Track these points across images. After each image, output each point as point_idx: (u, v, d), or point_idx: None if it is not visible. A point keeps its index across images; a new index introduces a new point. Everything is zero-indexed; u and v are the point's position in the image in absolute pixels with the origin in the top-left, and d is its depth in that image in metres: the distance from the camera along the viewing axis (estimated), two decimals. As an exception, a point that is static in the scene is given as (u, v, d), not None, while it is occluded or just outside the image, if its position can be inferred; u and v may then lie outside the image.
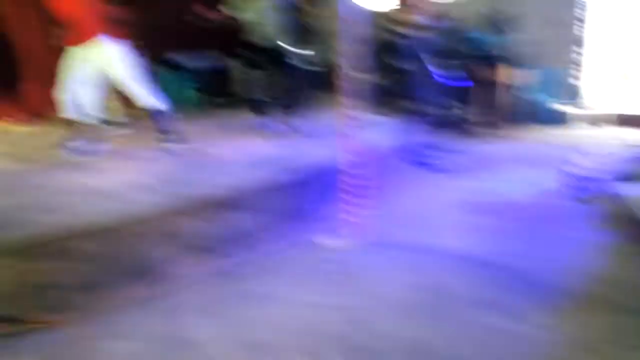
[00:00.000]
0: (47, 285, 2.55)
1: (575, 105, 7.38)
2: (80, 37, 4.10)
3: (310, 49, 6.57)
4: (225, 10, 5.37)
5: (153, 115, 4.43)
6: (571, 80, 7.38)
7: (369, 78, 7.16)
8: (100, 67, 4.18)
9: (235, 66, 6.83)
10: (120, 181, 3.55)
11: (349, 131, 3.18)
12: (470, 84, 6.64)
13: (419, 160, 5.07)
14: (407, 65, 5.51)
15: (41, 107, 5.46)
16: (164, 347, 2.27)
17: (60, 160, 4.20)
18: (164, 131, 4.46)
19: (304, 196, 3.66)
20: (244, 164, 4.00)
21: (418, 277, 2.84)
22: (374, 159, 3.90)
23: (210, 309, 2.58)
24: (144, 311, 2.59)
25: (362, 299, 2.64)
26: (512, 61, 6.70)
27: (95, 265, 2.68)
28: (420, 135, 5.31)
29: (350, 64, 3.08)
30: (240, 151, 4.52)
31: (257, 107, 5.60)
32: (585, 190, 4.07)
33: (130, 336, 2.36)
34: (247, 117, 5.76)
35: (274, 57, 5.34)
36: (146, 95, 4.31)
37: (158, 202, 3.06)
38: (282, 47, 5.34)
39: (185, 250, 3.00)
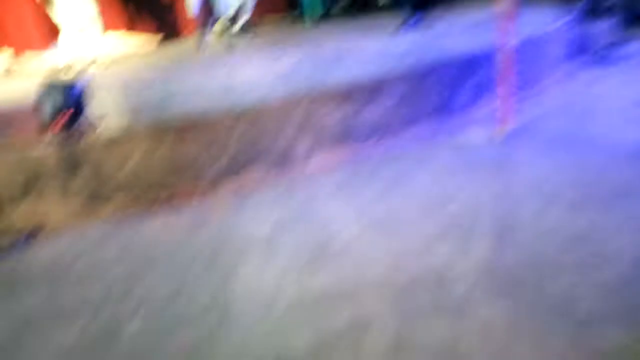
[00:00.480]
0: (193, 164, 2.71)
1: None
2: None
3: None
4: None
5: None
6: None
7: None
8: None
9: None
10: (257, 76, 3.62)
11: (507, 20, 2.84)
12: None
13: (586, 50, 4.50)
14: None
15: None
16: (301, 222, 2.33)
17: (203, 61, 4.52)
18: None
19: (450, 88, 3.37)
20: (384, 57, 3.77)
21: (579, 169, 2.52)
22: (534, 48, 3.64)
23: (341, 191, 2.59)
24: (280, 192, 2.69)
25: (515, 188, 2.41)
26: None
27: (237, 147, 2.79)
28: (589, 25, 4.71)
29: None
30: (380, 46, 4.29)
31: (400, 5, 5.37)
32: None
33: (268, 213, 2.46)
34: (383, 18, 5.59)
35: None
36: None
37: (296, 91, 3.03)
38: None
39: (323, 137, 2.99)
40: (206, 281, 1.98)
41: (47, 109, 2.49)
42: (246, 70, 3.87)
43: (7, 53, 5.77)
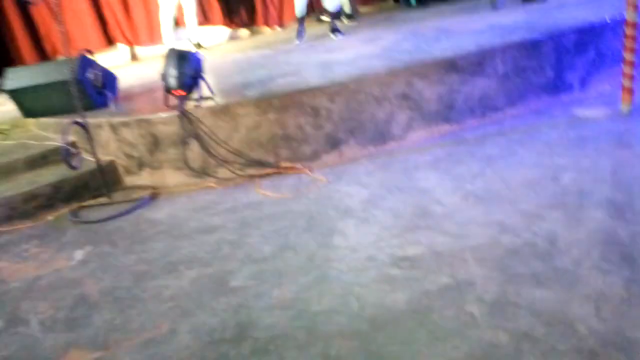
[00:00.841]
0: (294, 137, 2.82)
1: None
2: None
3: None
4: None
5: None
6: None
7: None
8: None
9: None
10: (355, 54, 3.64)
11: None
12: None
13: None
14: None
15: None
16: (398, 192, 2.34)
17: (303, 45, 4.67)
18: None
19: (560, 62, 3.16)
20: (491, 30, 3.60)
21: None
22: None
23: (439, 166, 2.55)
24: (378, 166, 2.71)
25: (635, 161, 2.22)
26: None
27: (336, 122, 2.85)
28: None
29: None
30: (487, 20, 4.06)
31: None
32: None
33: (366, 184, 2.50)
34: None
35: None
36: None
37: (391, 65, 3.01)
38: None
39: (423, 111, 2.95)
40: (306, 242, 2.06)
41: (171, 75, 2.73)
42: (346, 50, 3.90)
43: (123, 48, 6.42)
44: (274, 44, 5.12)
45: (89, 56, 3.03)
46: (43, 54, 6.05)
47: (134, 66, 5.83)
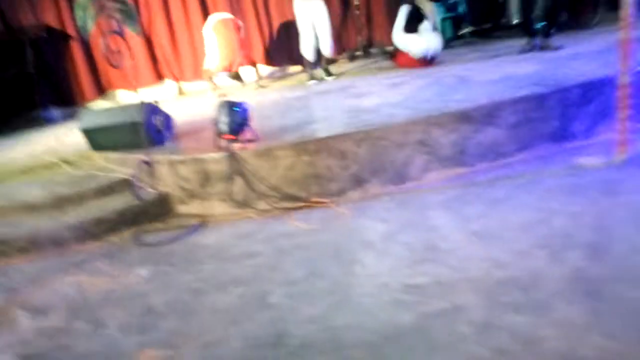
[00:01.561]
0: (324, 176, 3.25)
1: None
2: None
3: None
4: None
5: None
6: None
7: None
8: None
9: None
10: (380, 101, 4.10)
11: (629, 46, 2.92)
12: None
13: None
14: None
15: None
16: (412, 228, 2.74)
17: (321, 90, 5.17)
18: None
19: (567, 114, 3.51)
20: (505, 79, 4.03)
21: None
22: None
23: (450, 206, 2.93)
24: (396, 203, 3.11)
25: (620, 211, 2.54)
26: None
27: (361, 164, 3.27)
28: None
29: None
30: (502, 68, 4.53)
31: (527, 27, 5.50)
32: None
33: (385, 219, 2.91)
34: (506, 42, 5.83)
35: None
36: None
37: (412, 115, 3.43)
38: None
39: (438, 156, 3.35)
40: (331, 268, 2.47)
41: (222, 122, 3.23)
42: (372, 96, 4.36)
43: (171, 83, 7.05)
44: (309, 87, 5.66)
45: (154, 103, 3.55)
46: (100, 88, 6.74)
47: (181, 101, 6.43)
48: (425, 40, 5.42)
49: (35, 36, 6.19)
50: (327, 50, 5.85)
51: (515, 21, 7.03)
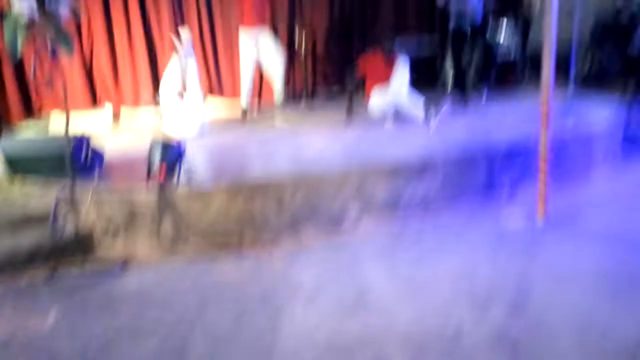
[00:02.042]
0: (258, 221, 3.20)
1: None
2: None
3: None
4: None
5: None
6: None
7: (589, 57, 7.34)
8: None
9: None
10: (321, 148, 4.14)
11: (549, 112, 3.17)
12: None
13: (631, 142, 4.63)
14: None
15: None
16: (342, 278, 2.73)
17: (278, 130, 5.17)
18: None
19: (493, 172, 3.71)
20: (433, 137, 4.24)
21: (603, 261, 2.75)
22: (578, 140, 3.97)
23: (381, 255, 2.97)
24: (329, 251, 3.10)
25: (538, 270, 2.69)
26: None
27: (296, 210, 3.25)
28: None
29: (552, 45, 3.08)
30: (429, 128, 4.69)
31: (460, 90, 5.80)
32: None
33: (316, 268, 2.88)
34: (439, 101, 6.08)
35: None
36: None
37: (351, 165, 3.50)
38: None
39: (371, 206, 3.40)
40: (258, 319, 2.39)
41: (155, 161, 3.11)
42: (314, 143, 4.35)
43: (108, 108, 6.81)
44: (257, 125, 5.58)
45: (85, 135, 3.39)
46: (30, 110, 6.38)
47: (116, 130, 6.19)
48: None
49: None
50: (279, 92, 5.83)
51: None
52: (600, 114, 4.84)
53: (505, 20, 6.35)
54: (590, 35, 7.61)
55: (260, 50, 5.56)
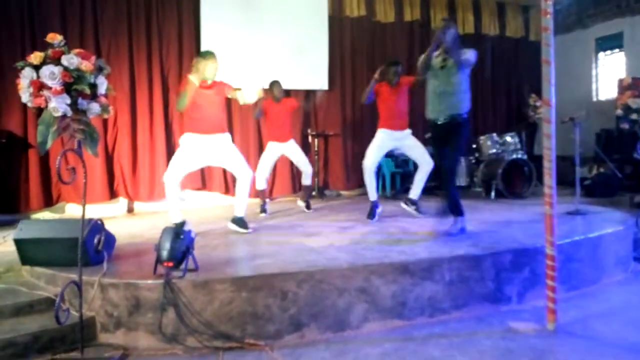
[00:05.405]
0: (262, 315, 3.16)
1: None
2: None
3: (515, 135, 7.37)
4: None
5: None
6: None
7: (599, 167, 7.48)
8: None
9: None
10: (327, 243, 4.20)
11: (554, 216, 3.20)
12: None
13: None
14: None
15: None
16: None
17: (271, 224, 5.32)
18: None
19: (499, 276, 3.68)
20: (440, 238, 4.26)
21: None
22: (593, 247, 4.02)
23: None
24: (332, 353, 3.01)
25: None
26: None
27: (300, 306, 3.22)
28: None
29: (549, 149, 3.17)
30: (433, 226, 4.74)
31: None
32: None
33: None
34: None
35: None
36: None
37: (355, 261, 3.50)
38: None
39: (374, 307, 3.35)
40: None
41: (165, 248, 3.15)
42: (321, 236, 4.48)
43: (123, 202, 7.05)
44: (258, 217, 5.79)
45: (99, 221, 3.49)
46: (49, 200, 6.60)
47: (129, 220, 6.35)
48: None
49: (-7, 141, 6.19)
50: (308, 180, 6.42)
51: (458, 183, 7.67)
52: (610, 219, 4.92)
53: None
54: (595, 142, 7.95)
55: (290, 156, 6.43)
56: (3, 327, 3.07)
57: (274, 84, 6.26)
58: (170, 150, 6.86)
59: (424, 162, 5.58)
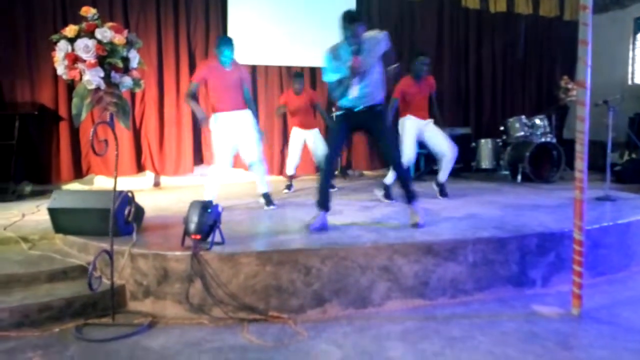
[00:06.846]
0: (286, 289, 3.22)
1: None
2: None
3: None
4: None
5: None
6: None
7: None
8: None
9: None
10: (350, 221, 4.21)
11: (584, 201, 3.14)
12: None
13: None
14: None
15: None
16: (366, 356, 2.66)
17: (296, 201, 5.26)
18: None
19: (524, 260, 3.65)
20: (465, 220, 4.23)
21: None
22: (614, 233, 3.93)
23: (407, 339, 2.90)
24: (354, 328, 3.06)
25: None
26: None
27: (323, 282, 3.27)
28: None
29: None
30: (463, 210, 4.76)
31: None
32: None
33: (340, 345, 2.83)
34: (472, 183, 6.11)
35: None
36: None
37: (378, 240, 3.52)
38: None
39: (396, 286, 3.38)
40: (278, 391, 2.33)
41: (192, 221, 3.23)
42: (344, 215, 4.50)
43: (150, 175, 7.18)
44: (283, 196, 5.85)
45: (129, 193, 3.58)
46: (79, 171, 6.77)
47: (156, 193, 6.48)
48: None
49: (25, 112, 6.35)
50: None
51: (484, 166, 7.56)
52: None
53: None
54: (628, 127, 7.71)
55: (309, 145, 6.47)
56: (39, 292, 3.21)
57: (296, 77, 6.41)
58: (197, 127, 6.95)
59: (447, 150, 5.57)
